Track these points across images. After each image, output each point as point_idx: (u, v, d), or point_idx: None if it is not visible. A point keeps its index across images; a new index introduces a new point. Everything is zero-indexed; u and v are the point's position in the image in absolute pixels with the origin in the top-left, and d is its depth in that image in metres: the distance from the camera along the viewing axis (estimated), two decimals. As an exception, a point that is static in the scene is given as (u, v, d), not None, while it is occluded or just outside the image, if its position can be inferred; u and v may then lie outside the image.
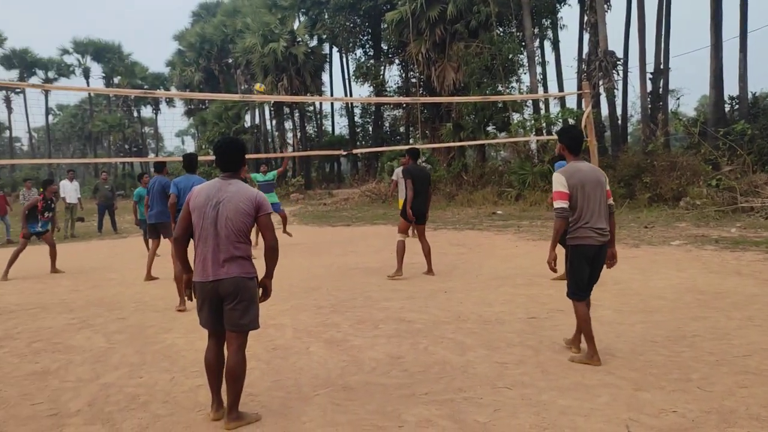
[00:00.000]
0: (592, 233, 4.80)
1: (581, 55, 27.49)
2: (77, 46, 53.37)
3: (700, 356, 4.87)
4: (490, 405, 4.09)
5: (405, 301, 7.41)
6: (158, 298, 8.29)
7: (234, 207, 3.86)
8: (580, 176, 4.80)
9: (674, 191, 17.05)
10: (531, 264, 9.84)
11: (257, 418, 4.02)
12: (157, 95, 21.68)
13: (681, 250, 10.31)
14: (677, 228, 13.10)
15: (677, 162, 18.04)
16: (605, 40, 22.30)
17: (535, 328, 5.98)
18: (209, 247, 3.87)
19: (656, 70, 25.00)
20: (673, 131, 22.66)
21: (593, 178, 4.83)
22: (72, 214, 18.18)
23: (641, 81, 23.50)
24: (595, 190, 4.81)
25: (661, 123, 21.39)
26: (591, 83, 20.44)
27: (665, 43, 24.88)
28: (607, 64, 21.90)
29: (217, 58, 45.83)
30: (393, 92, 34.48)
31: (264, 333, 6.19)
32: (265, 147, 43.39)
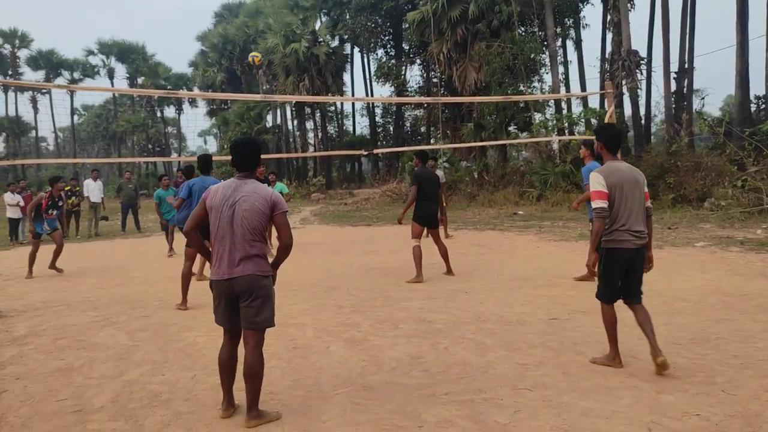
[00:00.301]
0: (628, 236, 4.63)
1: (604, 54, 27.23)
2: (102, 47, 54.16)
3: (724, 359, 4.80)
4: (511, 406, 4.07)
5: (425, 302, 7.40)
6: (179, 296, 8.36)
7: (250, 206, 3.90)
8: (619, 176, 4.65)
9: (699, 192, 16.82)
10: (552, 265, 9.78)
11: (278, 416, 4.04)
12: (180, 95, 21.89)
13: (705, 252, 10.17)
14: (701, 229, 12.92)
15: (702, 162, 17.80)
16: (628, 39, 22.07)
17: (556, 330, 5.94)
18: (225, 246, 3.93)
19: (680, 70, 24.69)
20: (698, 131, 22.36)
21: (631, 179, 4.68)
22: (96, 213, 18.44)
23: (665, 80, 23.26)
24: (633, 190, 4.66)
25: (686, 123, 21.14)
26: (614, 83, 20.26)
27: (690, 42, 24.56)
28: (630, 64, 21.68)
29: (239, 58, 46.16)
30: (414, 92, 34.47)
31: (284, 332, 6.24)
32: (286, 147, 43.62)
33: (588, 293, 7.50)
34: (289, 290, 8.43)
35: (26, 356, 5.68)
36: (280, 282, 8.10)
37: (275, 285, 4.23)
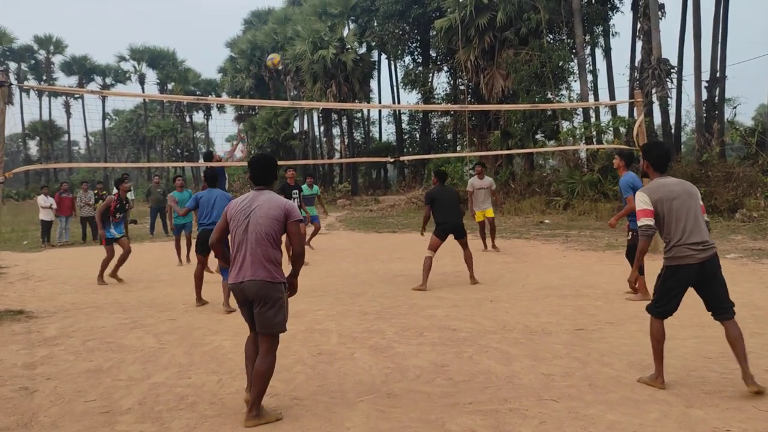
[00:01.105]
0: (687, 251, 4.38)
1: (633, 63, 26.92)
2: (133, 53, 55.15)
3: (756, 374, 4.69)
4: (536, 417, 4.03)
5: (450, 309, 7.38)
6: (207, 296, 8.45)
7: (264, 213, 4.10)
8: (666, 191, 4.48)
9: (730, 203, 16.53)
10: (579, 275, 9.68)
11: (278, 416, 4.12)
12: (209, 101, 22.35)
13: (736, 264, 9.98)
14: (733, 241, 12.69)
15: (733, 173, 17.51)
16: (659, 47, 21.82)
17: (583, 340, 5.88)
18: (241, 252, 4.12)
19: (712, 78, 24.32)
20: (729, 141, 22.00)
21: (682, 192, 4.48)
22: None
23: (696, 89, 22.93)
24: (686, 204, 4.45)
25: (717, 132, 20.81)
26: (643, 92, 20.02)
27: (722, 51, 24.19)
28: (660, 72, 21.43)
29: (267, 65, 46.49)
30: (441, 99, 34.43)
31: (310, 338, 6.27)
32: (313, 153, 43.86)
33: (615, 304, 7.42)
34: (315, 296, 8.47)
35: (56, 357, 5.79)
36: (305, 288, 8.17)
37: (298, 292, 4.45)
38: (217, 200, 8.14)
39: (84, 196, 17.99)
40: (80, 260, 13.61)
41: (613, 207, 19.61)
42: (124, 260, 10.46)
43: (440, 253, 12.84)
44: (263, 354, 4.10)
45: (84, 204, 17.89)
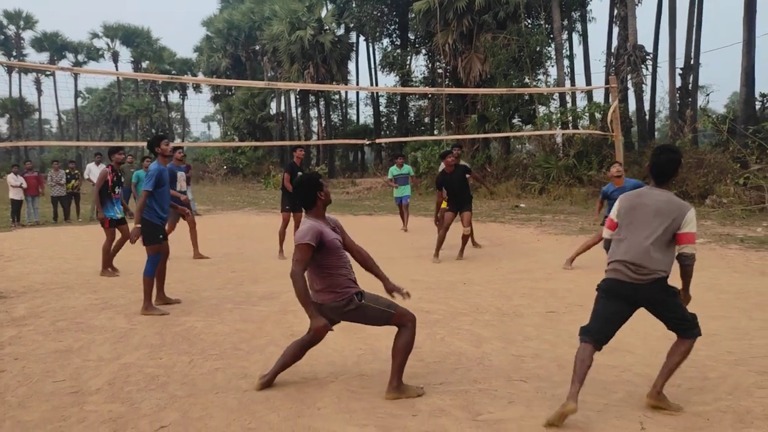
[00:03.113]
0: (621, 267, 3.98)
1: (610, 49, 27.14)
2: (107, 30, 54.11)
3: (718, 355, 4.82)
4: (505, 397, 4.09)
5: (423, 292, 7.42)
6: (178, 281, 8.40)
7: None
8: (636, 201, 3.97)
9: (701, 189, 16.81)
10: (552, 258, 9.80)
11: (419, 392, 4.16)
12: (184, 81, 21.87)
13: (705, 249, 10.17)
14: (702, 226, 12.91)
15: (705, 159, 17.79)
16: (635, 34, 21.98)
17: (553, 323, 5.97)
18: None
19: (686, 66, 24.59)
20: (702, 128, 22.30)
21: (653, 209, 3.90)
22: (98, 196, 18.43)
23: (670, 76, 23.17)
24: (648, 220, 3.90)
25: (690, 119, 21.07)
26: (619, 78, 20.18)
27: (696, 38, 24.44)
28: (635, 59, 21.60)
29: (244, 44, 46.02)
30: (419, 82, 34.37)
31: (283, 319, 6.28)
32: (290, 134, 43.57)
33: (586, 288, 7.52)
34: (288, 278, 8.46)
35: (25, 337, 5.72)
36: (281, 270, 8.15)
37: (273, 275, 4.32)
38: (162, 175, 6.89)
39: (55, 175, 17.68)
40: (51, 240, 13.42)
41: (588, 192, 19.84)
42: (121, 246, 9.24)
43: (411, 233, 12.95)
44: (399, 331, 4.24)
45: (55, 183, 17.59)
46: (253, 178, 38.26)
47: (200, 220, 16.79)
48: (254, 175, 38.46)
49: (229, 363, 4.92)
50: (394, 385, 4.14)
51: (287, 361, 4.42)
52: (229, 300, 7.25)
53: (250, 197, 27.49)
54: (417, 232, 13.28)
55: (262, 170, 38.00)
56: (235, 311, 6.67)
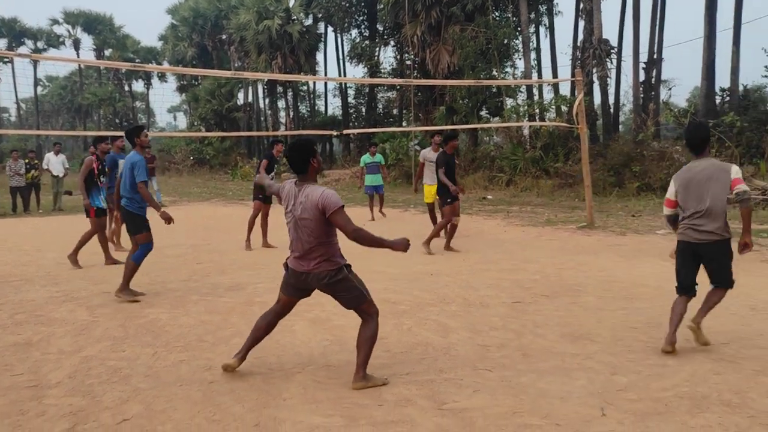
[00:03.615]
0: (685, 228, 4.83)
1: (576, 42, 27.40)
2: (67, 16, 52.64)
3: (677, 343, 4.93)
4: (470, 386, 4.13)
5: (390, 283, 7.44)
6: (143, 273, 8.24)
7: (306, 215, 4.10)
8: (686, 176, 4.82)
9: (663, 181, 17.15)
10: (518, 249, 9.91)
11: (384, 381, 4.19)
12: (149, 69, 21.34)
13: (666, 239, 10.38)
14: (663, 217, 13.17)
15: (667, 152, 18.17)
16: (600, 27, 22.26)
17: (519, 313, 6.04)
18: (298, 246, 4.22)
19: (649, 60, 24.99)
20: (664, 121, 22.74)
21: (702, 177, 4.71)
22: (58, 187, 18.02)
23: (634, 70, 23.54)
24: (701, 187, 4.69)
25: (652, 113, 21.46)
26: (584, 71, 20.44)
27: (659, 33, 24.85)
28: (600, 52, 21.89)
29: (210, 33, 45.36)
30: (387, 74, 34.29)
31: (249, 310, 6.23)
32: (257, 125, 43.14)
33: (551, 278, 7.63)
34: (256, 269, 8.41)
35: (-18, 330, 5.58)
36: (246, 261, 8.09)
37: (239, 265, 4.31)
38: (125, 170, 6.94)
39: (14, 165, 17.22)
40: (9, 232, 13.10)
41: (554, 183, 20.09)
42: (88, 240, 8.93)
43: (378, 223, 12.95)
44: (363, 323, 4.23)
45: (14, 174, 17.15)
46: (220, 169, 37.84)
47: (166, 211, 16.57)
48: (221, 166, 38.04)
49: (193, 355, 4.87)
50: (360, 376, 4.14)
51: (260, 335, 4.44)
52: (195, 291, 7.17)
53: (217, 188, 27.18)
54: (384, 223, 13.29)
55: (230, 161, 37.61)
56: (201, 303, 6.60)
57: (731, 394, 3.89)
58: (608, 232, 11.43)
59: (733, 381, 4.11)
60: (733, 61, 21.36)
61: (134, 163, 6.76)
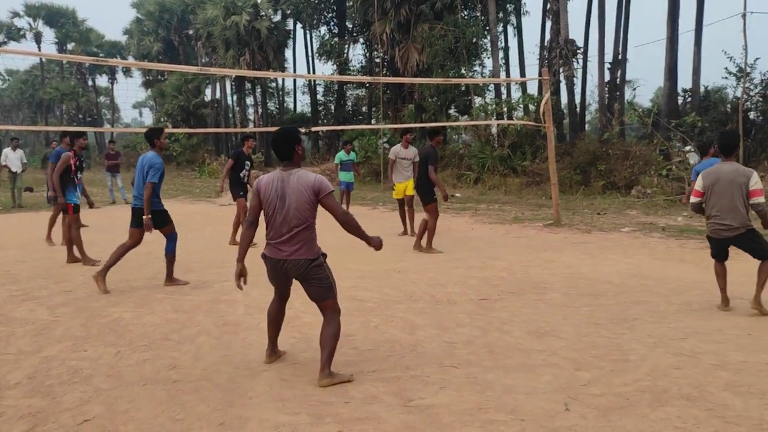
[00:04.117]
0: (714, 226, 5.80)
1: (543, 42, 27.72)
2: (29, 9, 51.34)
3: (639, 338, 5.03)
4: (436, 383, 4.15)
5: (358, 280, 7.43)
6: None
7: (297, 198, 4.15)
8: (714, 177, 5.74)
9: (627, 179, 17.45)
10: (486, 247, 9.98)
11: (350, 378, 4.21)
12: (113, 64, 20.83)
13: (630, 237, 10.58)
14: (628, 215, 13.42)
15: (631, 151, 18.47)
16: (566, 28, 22.54)
17: (486, 310, 6.08)
18: (280, 232, 4.21)
19: (614, 60, 25.42)
20: (629, 121, 23.13)
21: (727, 179, 5.63)
22: (15, 183, 17.54)
23: (599, 70, 23.90)
24: (724, 188, 5.63)
25: (617, 112, 21.80)
26: (551, 70, 20.67)
27: (624, 34, 25.31)
28: (567, 52, 22.16)
29: (177, 28, 44.71)
30: (356, 71, 34.23)
31: (215, 308, 6.18)
32: (225, 122, 42.70)
33: (518, 276, 7.71)
34: (223, 267, 8.32)
35: (-62, 331, 5.42)
36: (213, 259, 8.00)
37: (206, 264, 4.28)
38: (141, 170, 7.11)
39: (-27, 161, 16.75)
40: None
41: (521, 182, 20.29)
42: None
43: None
44: (327, 321, 4.26)
45: (-29, 170, 16.68)
46: (187, 166, 37.34)
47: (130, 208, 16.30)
48: (188, 163, 37.54)
49: (158, 354, 4.80)
50: (326, 373, 4.14)
51: (275, 323, 4.63)
52: (160, 290, 7.07)
53: (184, 185, 26.82)
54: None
55: (197, 158, 37.12)
56: (166, 301, 6.51)
57: (690, 388, 3.98)
58: (574, 229, 11.59)
59: (692, 375, 4.20)
60: (695, 62, 21.83)
61: (152, 165, 6.94)
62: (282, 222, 4.16)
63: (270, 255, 4.25)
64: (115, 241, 10.15)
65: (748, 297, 5.84)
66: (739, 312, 5.79)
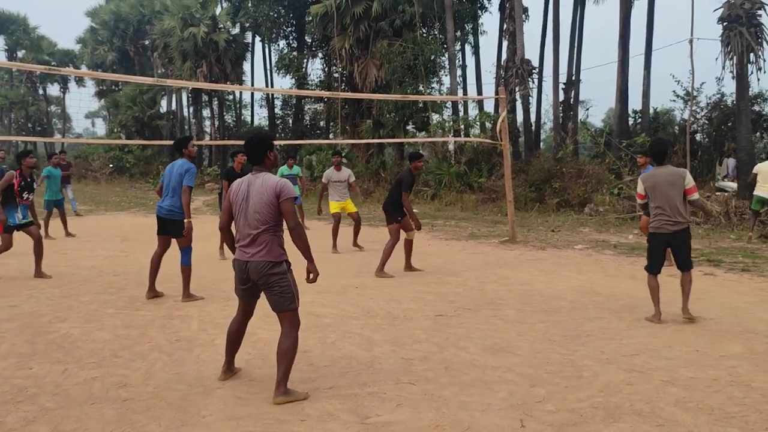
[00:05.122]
0: (658, 222, 6.24)
1: (500, 61, 28.23)
2: (-23, 15, 49.91)
3: (592, 354, 5.12)
4: (393, 400, 4.14)
5: (315, 296, 7.37)
6: (54, 286, 7.90)
7: (259, 199, 4.18)
8: (652, 180, 6.27)
9: (580, 197, 17.83)
10: (442, 263, 10.05)
11: (305, 396, 4.18)
12: (66, 73, 20.25)
13: (583, 254, 10.79)
14: (581, 233, 13.69)
15: (584, 170, 18.90)
16: (522, 48, 23.02)
17: (442, 326, 6.11)
18: (244, 234, 4.25)
19: (568, 81, 26.07)
20: (582, 140, 23.71)
21: (665, 181, 6.18)
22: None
23: (554, 90, 24.44)
24: (667, 190, 6.14)
25: (571, 132, 22.33)
26: (507, 89, 21.05)
27: (577, 56, 26.01)
28: (523, 72, 22.62)
29: (133, 38, 43.99)
30: (315, 86, 34.21)
31: (169, 324, 6.05)
32: (181, 134, 41.98)
33: (474, 291, 7.77)
34: (175, 281, 8.15)
35: None
36: (167, 273, 7.83)
37: (162, 276, 4.21)
38: (172, 176, 7.16)
39: None
40: None
41: (478, 198, 20.51)
42: (41, 253, 8.59)
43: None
44: (284, 333, 4.22)
45: None
46: (141, 177, 36.59)
47: (82, 221, 15.89)
48: (142, 175, 36.79)
49: (108, 371, 4.67)
50: (282, 390, 4.09)
51: (236, 346, 4.59)
52: (111, 305, 6.89)
53: (138, 198, 26.27)
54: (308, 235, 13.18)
55: (151, 170, 36.44)
56: (117, 316, 6.35)
57: (642, 404, 4.06)
58: (529, 246, 11.76)
59: (644, 391, 4.29)
60: (645, 85, 22.55)
61: (188, 170, 7.04)
62: (245, 223, 4.21)
63: (237, 257, 4.30)
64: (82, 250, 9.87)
65: (693, 313, 6.01)
66: (688, 328, 5.95)
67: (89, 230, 14.13)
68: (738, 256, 10.19)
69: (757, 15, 16.73)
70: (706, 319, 6.28)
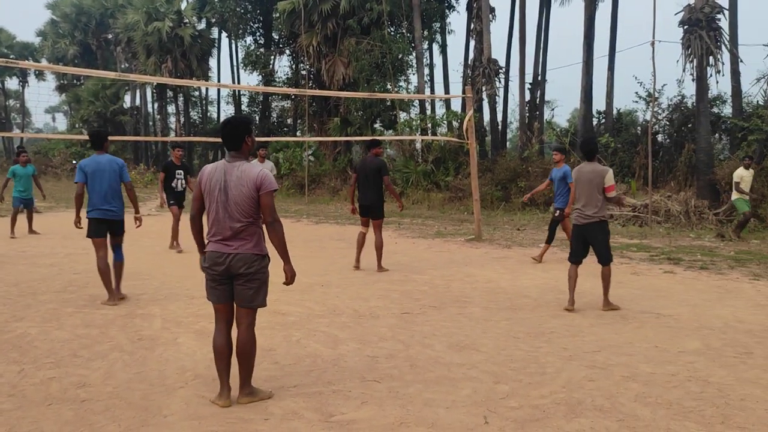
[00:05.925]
0: (577, 215, 6.70)
1: (467, 60, 28.43)
2: (-68, 5, 48.34)
3: (555, 351, 5.19)
4: (358, 398, 4.13)
5: (281, 294, 7.28)
6: (11, 284, 7.70)
7: (238, 192, 3.92)
8: (578, 174, 6.70)
9: (546, 196, 18.04)
10: (408, 261, 10.07)
11: (270, 395, 4.12)
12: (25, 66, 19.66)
13: (548, 253, 10.89)
14: (546, 231, 13.81)
15: (550, 169, 19.11)
16: (489, 48, 23.21)
17: (408, 324, 6.11)
18: (222, 226, 3.98)
19: (534, 81, 26.37)
20: (547, 140, 24.00)
21: (586, 178, 6.57)
22: None
23: (520, 90, 24.72)
24: (586, 185, 6.54)
25: (537, 131, 22.59)
26: (474, 88, 21.21)
27: (543, 56, 26.33)
28: (490, 71, 22.81)
29: (95, 32, 43.18)
30: (282, 83, 34.00)
31: (130, 323, 5.95)
32: (145, 130, 41.42)
33: (440, 290, 7.80)
34: (140, 279, 8.03)
35: None
36: (127, 272, 7.69)
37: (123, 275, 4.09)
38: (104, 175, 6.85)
39: None
40: None
41: (444, 197, 20.62)
42: None
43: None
44: (243, 330, 4.05)
45: None
46: (102, 174, 35.93)
47: (41, 218, 15.51)
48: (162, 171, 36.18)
49: (66, 371, 4.56)
50: (247, 391, 4.04)
51: (228, 363, 4.11)
52: (70, 303, 6.73)
53: (99, 195, 25.77)
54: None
55: (113, 166, 35.80)
56: (76, 315, 6.21)
57: (603, 399, 4.13)
58: (495, 245, 11.87)
59: (605, 387, 4.36)
60: (608, 86, 22.93)
61: (122, 166, 7.09)
62: (225, 215, 3.93)
63: (214, 249, 3.99)
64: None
65: (653, 309, 6.13)
66: (648, 325, 6.07)
67: (49, 227, 13.81)
68: (697, 255, 10.44)
69: (716, 19, 17.17)
70: (666, 315, 6.41)
